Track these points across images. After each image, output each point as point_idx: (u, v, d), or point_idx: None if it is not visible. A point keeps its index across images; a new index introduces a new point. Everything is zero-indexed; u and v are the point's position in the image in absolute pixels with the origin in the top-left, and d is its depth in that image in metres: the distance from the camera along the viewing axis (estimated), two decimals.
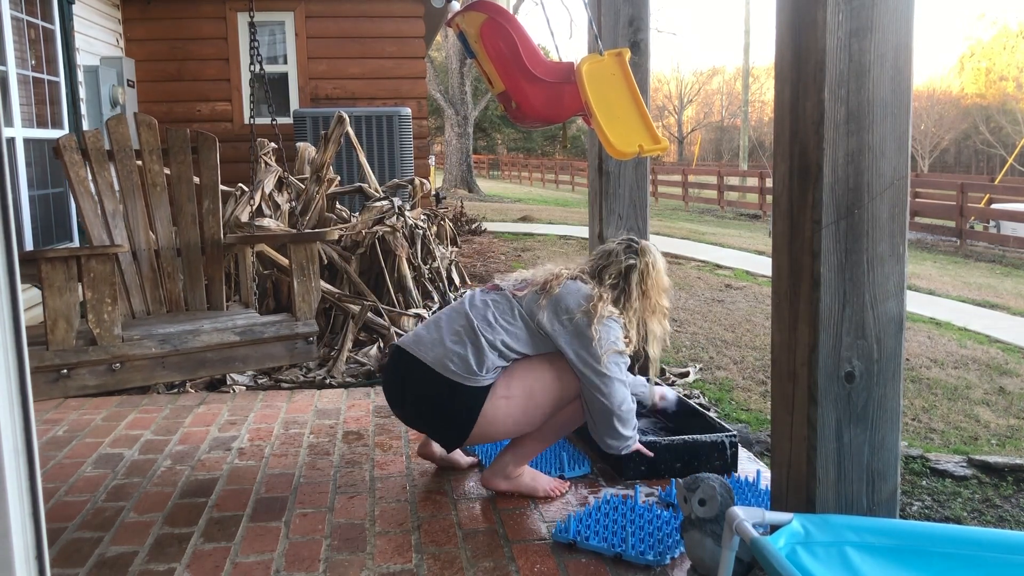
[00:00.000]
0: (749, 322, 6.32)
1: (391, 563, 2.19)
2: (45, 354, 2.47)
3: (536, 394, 2.47)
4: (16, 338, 0.98)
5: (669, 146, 4.27)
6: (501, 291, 2.58)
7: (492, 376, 2.44)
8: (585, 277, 2.57)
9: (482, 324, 2.46)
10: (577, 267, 2.66)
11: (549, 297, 2.48)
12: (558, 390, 2.49)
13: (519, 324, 2.48)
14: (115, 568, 2.18)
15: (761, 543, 1.56)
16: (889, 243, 1.84)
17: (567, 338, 2.45)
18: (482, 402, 2.42)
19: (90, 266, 2.50)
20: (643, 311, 2.57)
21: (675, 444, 2.77)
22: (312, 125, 7.57)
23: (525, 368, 2.49)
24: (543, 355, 2.51)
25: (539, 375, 2.48)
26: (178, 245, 3.32)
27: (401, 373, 2.53)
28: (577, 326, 2.44)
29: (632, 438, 2.55)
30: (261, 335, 2.81)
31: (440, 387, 2.43)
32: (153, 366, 2.64)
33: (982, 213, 14.50)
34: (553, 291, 2.49)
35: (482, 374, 2.41)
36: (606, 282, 2.55)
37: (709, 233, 14.32)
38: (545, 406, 2.50)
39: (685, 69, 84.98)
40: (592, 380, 2.44)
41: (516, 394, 2.45)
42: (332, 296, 4.57)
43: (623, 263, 2.58)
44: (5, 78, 5.20)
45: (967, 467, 3.42)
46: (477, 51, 2.84)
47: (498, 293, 2.57)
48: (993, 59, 40.52)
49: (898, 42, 1.79)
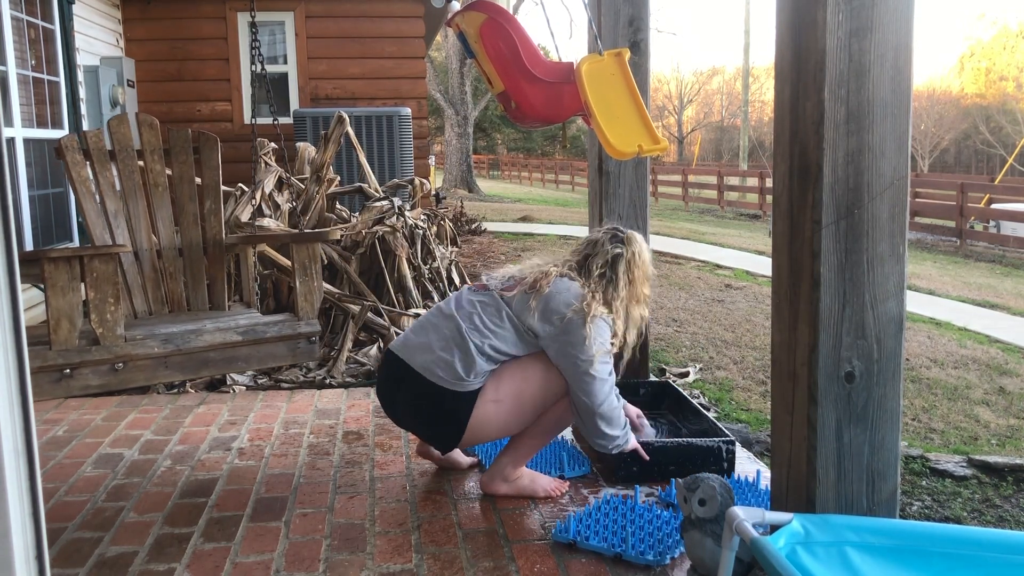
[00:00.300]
0: (749, 322, 6.32)
1: (391, 563, 2.19)
2: (48, 354, 2.47)
3: (525, 395, 2.47)
4: (16, 338, 0.98)
5: (669, 146, 4.27)
6: (489, 291, 2.57)
7: (480, 380, 2.44)
8: (573, 274, 2.56)
9: (470, 329, 2.45)
10: (564, 261, 2.64)
11: (539, 297, 2.47)
12: (546, 390, 2.49)
13: (507, 326, 2.47)
14: (115, 568, 2.18)
15: (761, 543, 1.56)
16: (889, 243, 1.84)
17: (556, 338, 2.44)
18: (471, 406, 2.42)
19: (93, 266, 2.50)
20: (629, 299, 2.57)
21: (669, 447, 2.72)
22: (312, 125, 7.57)
23: (514, 369, 2.49)
24: (531, 355, 2.51)
25: (528, 376, 2.48)
26: (180, 245, 3.32)
27: (393, 377, 2.53)
28: (568, 326, 2.43)
29: (621, 437, 2.53)
30: (264, 335, 2.81)
31: (430, 392, 2.43)
32: (156, 366, 2.64)
33: (982, 213, 14.50)
34: (543, 291, 2.48)
35: (470, 379, 2.41)
36: (594, 273, 2.54)
37: (709, 233, 14.32)
38: (535, 406, 2.50)
39: (685, 69, 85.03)
40: (577, 380, 2.43)
41: (505, 397, 2.45)
42: (332, 296, 4.57)
43: (610, 252, 2.57)
44: (5, 78, 5.20)
45: (967, 467, 3.42)
46: (477, 51, 2.84)
47: (485, 294, 2.56)
48: (993, 59, 40.53)
49: (898, 42, 1.80)
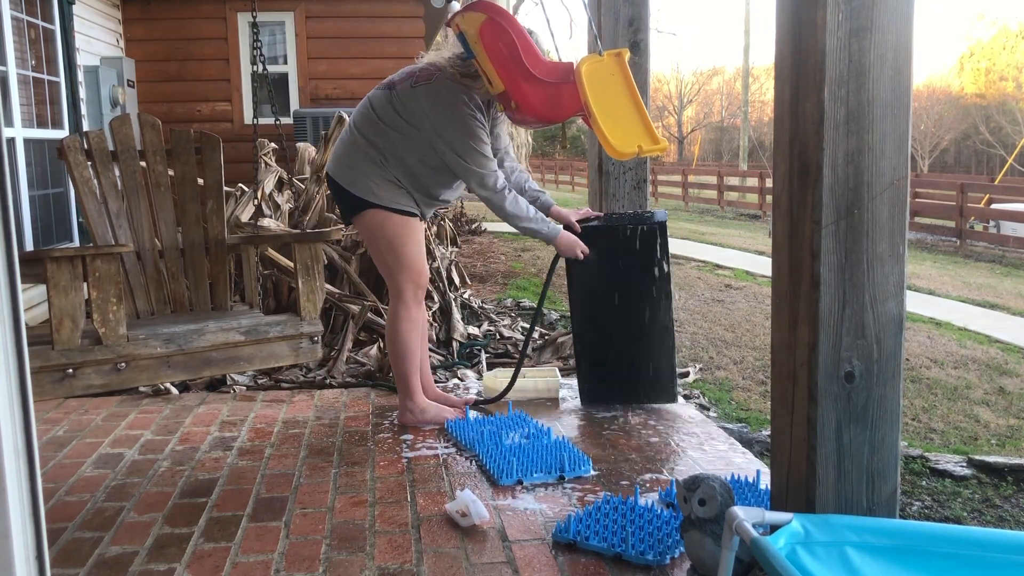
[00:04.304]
0: (749, 322, 6.32)
1: (391, 563, 2.19)
2: (50, 353, 2.47)
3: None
4: (16, 338, 0.98)
5: (669, 146, 4.27)
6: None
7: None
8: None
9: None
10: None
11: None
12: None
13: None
14: (115, 568, 2.18)
15: (761, 543, 1.56)
16: (889, 243, 1.84)
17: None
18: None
19: (95, 266, 2.51)
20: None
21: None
22: (312, 125, 7.57)
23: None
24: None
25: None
26: (182, 245, 3.33)
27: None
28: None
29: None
30: (266, 334, 2.81)
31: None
32: (158, 365, 2.65)
33: (982, 213, 14.50)
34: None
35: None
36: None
37: (709, 233, 14.32)
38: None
39: (685, 69, 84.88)
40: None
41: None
42: (332, 296, 4.57)
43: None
44: (5, 78, 5.20)
45: (967, 467, 3.42)
46: (477, 51, 2.84)
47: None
48: (993, 59, 40.51)
49: (898, 42, 1.80)
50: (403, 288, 3.14)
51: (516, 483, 2.69)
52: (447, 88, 2.97)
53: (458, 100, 2.95)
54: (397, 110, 3.03)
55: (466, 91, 2.96)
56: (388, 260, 3.13)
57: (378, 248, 3.14)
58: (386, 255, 3.13)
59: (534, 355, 4.40)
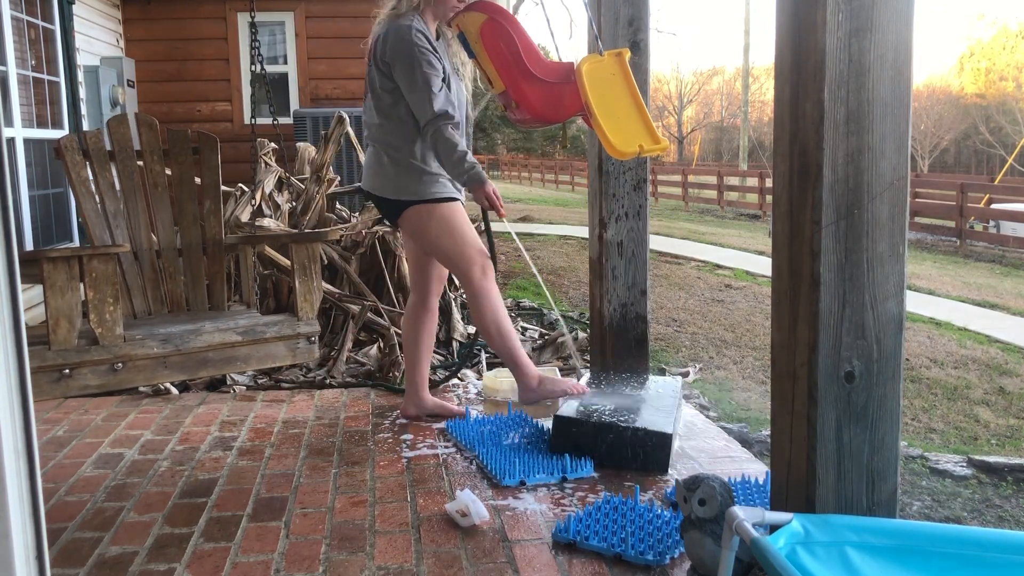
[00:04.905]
0: (749, 322, 6.32)
1: (391, 563, 2.19)
2: (47, 354, 2.47)
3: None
4: (16, 338, 0.98)
5: (669, 146, 4.28)
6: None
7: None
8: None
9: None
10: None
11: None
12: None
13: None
14: (115, 568, 2.18)
15: (761, 543, 1.56)
16: (889, 243, 1.84)
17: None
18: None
19: (92, 266, 2.51)
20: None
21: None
22: (312, 125, 7.57)
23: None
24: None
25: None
26: (179, 245, 3.32)
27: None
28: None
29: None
30: (263, 335, 2.81)
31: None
32: (155, 366, 2.65)
33: (982, 213, 14.50)
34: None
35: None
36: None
37: (709, 233, 14.32)
38: None
39: (685, 69, 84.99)
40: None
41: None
42: (332, 296, 4.57)
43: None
44: (5, 78, 5.20)
45: (967, 467, 3.42)
46: (477, 51, 2.84)
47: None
48: (993, 59, 40.53)
49: (898, 42, 1.80)
50: (470, 271, 3.04)
51: (519, 483, 2.69)
52: (400, 26, 3.02)
53: (409, 29, 2.99)
54: (377, 80, 3.08)
55: (419, 21, 3.01)
56: (445, 249, 3.06)
57: (431, 241, 3.07)
58: (440, 245, 3.06)
59: (534, 355, 4.40)
